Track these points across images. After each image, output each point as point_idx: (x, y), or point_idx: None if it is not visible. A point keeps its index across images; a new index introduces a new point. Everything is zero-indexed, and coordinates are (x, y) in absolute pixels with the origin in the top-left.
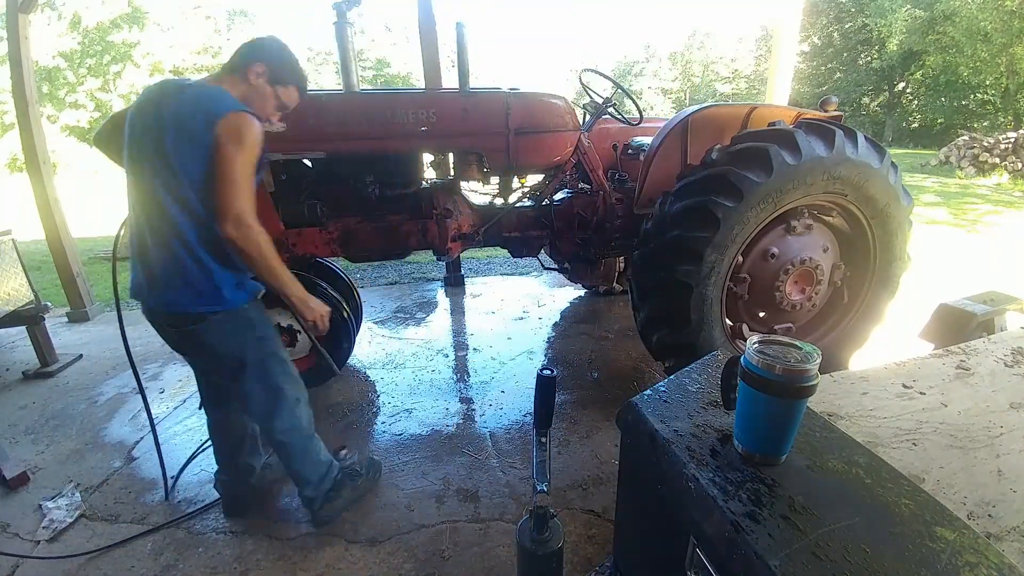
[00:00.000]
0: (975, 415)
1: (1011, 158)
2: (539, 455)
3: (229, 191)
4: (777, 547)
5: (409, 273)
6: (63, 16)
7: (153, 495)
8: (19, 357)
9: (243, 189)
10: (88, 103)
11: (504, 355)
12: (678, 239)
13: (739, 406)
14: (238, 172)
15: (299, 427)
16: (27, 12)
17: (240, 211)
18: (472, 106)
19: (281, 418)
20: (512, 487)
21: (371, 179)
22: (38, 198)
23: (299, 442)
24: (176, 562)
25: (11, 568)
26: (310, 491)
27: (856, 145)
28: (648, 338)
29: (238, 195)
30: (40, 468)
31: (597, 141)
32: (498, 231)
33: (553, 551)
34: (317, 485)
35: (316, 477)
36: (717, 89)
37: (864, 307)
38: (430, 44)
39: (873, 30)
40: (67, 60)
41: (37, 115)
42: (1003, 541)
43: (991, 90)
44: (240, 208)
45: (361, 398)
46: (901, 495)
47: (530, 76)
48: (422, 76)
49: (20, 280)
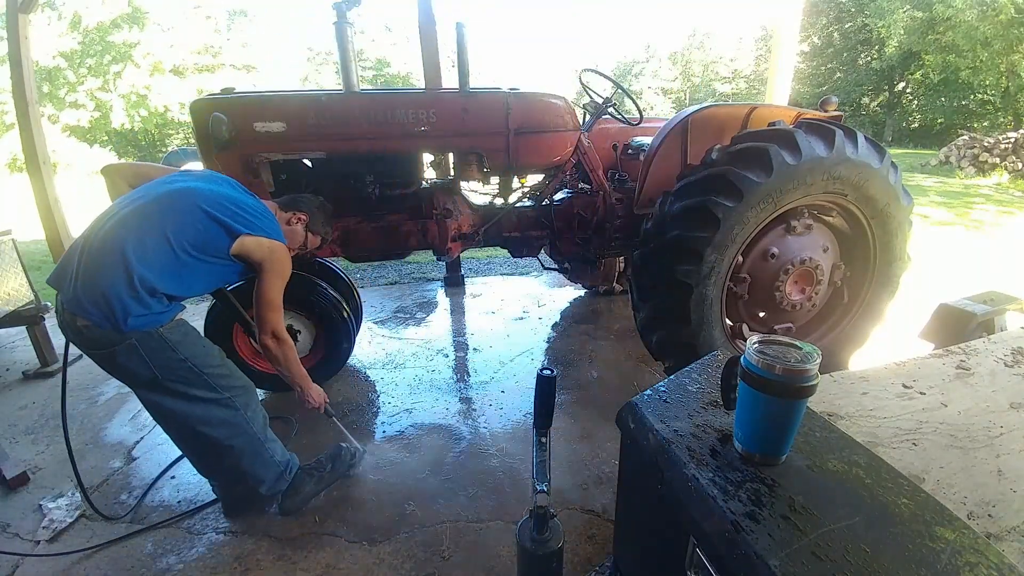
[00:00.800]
0: (975, 415)
1: (1011, 158)
2: (539, 455)
3: (267, 310)
4: (777, 547)
5: (409, 273)
6: (63, 16)
7: (153, 495)
8: (19, 357)
9: (278, 308)
10: (88, 103)
11: (504, 355)
12: (678, 239)
13: (739, 406)
14: (275, 293)
15: (246, 432)
16: (27, 12)
17: (275, 327)
18: (472, 106)
19: (223, 426)
20: (512, 487)
21: (371, 179)
22: (38, 198)
23: (249, 445)
24: (176, 562)
25: (11, 568)
26: (265, 489)
27: (856, 145)
28: (648, 338)
29: (275, 314)
30: (40, 468)
31: (597, 141)
32: (498, 231)
33: (553, 551)
34: (272, 484)
35: (271, 476)
36: (717, 89)
37: (864, 307)
38: (430, 44)
39: (873, 30)
40: (67, 60)
41: (37, 115)
42: (1003, 541)
43: (991, 90)
44: (275, 324)
45: (361, 398)
46: (901, 495)
47: (530, 76)
48: (422, 76)
49: (20, 280)
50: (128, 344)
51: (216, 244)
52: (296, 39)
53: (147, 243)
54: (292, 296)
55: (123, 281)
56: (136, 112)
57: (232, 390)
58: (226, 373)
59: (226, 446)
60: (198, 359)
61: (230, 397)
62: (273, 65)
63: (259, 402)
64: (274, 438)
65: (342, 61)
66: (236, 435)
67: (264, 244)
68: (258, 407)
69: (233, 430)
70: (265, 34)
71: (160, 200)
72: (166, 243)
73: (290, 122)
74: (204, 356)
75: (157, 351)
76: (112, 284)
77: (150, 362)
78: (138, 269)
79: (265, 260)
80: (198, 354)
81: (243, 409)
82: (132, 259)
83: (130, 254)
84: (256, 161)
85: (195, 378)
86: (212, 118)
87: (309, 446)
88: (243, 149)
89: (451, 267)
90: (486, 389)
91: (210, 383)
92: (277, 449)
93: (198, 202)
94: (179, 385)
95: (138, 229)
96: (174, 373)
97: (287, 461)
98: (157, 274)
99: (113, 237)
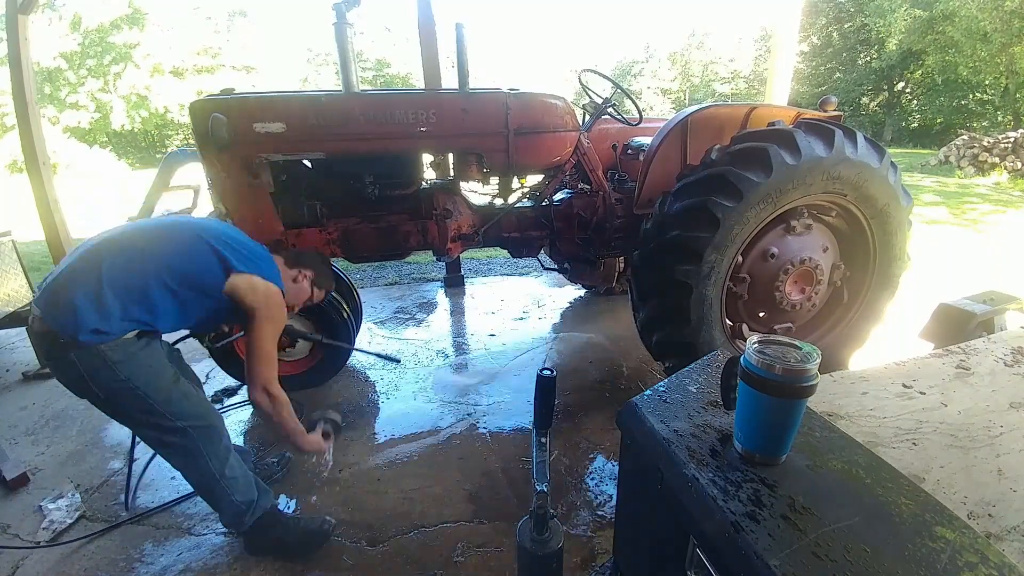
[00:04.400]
0: (975, 415)
1: (1011, 157)
2: (539, 455)
3: (259, 362)
4: (777, 547)
5: (409, 273)
6: (63, 17)
7: (154, 496)
8: (19, 358)
9: (272, 361)
10: (89, 103)
11: (504, 355)
12: (678, 239)
13: (739, 406)
14: (268, 342)
15: (199, 468)
16: (27, 13)
17: (267, 382)
18: (472, 106)
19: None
20: (512, 487)
21: (371, 179)
22: (38, 199)
23: (201, 480)
24: (176, 562)
25: (12, 568)
26: (224, 521)
27: (855, 145)
28: (648, 338)
29: (268, 368)
30: (40, 469)
31: (597, 141)
32: (498, 231)
33: (553, 551)
34: (230, 520)
35: (228, 513)
36: (716, 89)
37: (864, 307)
38: (430, 44)
39: (872, 30)
40: (68, 61)
41: (37, 116)
42: (1003, 541)
43: (990, 89)
44: (267, 379)
45: (361, 398)
46: (901, 495)
47: (530, 76)
48: (422, 77)
49: (20, 281)
50: (68, 360)
51: (208, 278)
52: (296, 40)
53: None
54: None
55: (90, 291)
56: (136, 113)
57: (187, 419)
58: (176, 399)
59: (182, 471)
60: (140, 381)
61: (185, 427)
62: (273, 66)
63: (223, 435)
64: (235, 475)
65: (342, 62)
66: (188, 467)
67: (259, 287)
68: (219, 441)
69: (186, 461)
70: (265, 35)
71: (161, 226)
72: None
73: (290, 123)
74: (150, 379)
75: (97, 369)
76: (79, 293)
77: (89, 379)
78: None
79: (259, 306)
80: (141, 376)
81: (200, 442)
82: (105, 276)
83: (105, 270)
84: (256, 162)
85: (138, 402)
86: (212, 119)
87: None
88: (243, 150)
89: (451, 267)
90: (486, 389)
91: (157, 409)
92: (238, 487)
93: (199, 232)
94: (122, 407)
95: (127, 249)
96: (115, 394)
97: (250, 502)
98: (128, 298)
99: (99, 250)
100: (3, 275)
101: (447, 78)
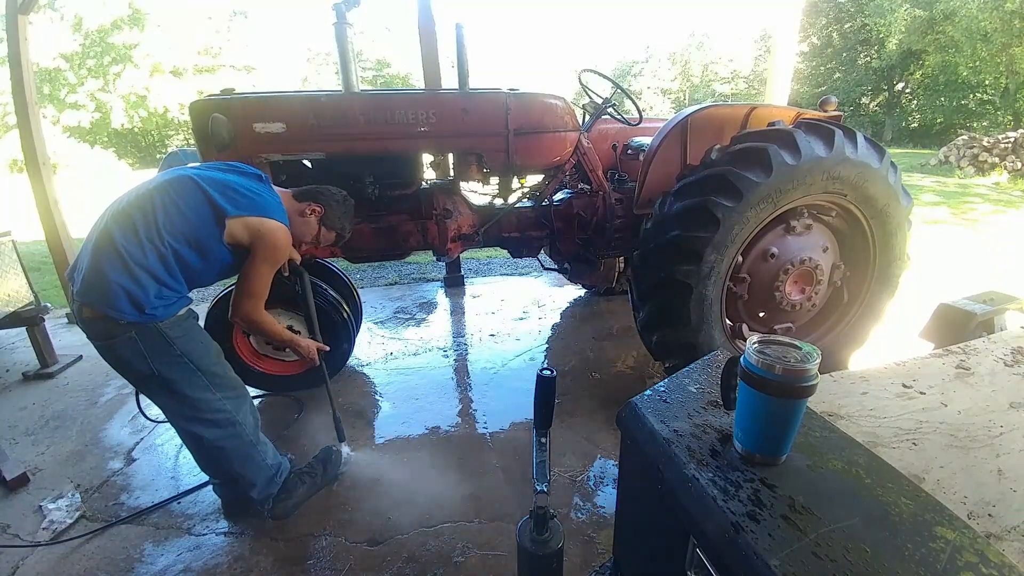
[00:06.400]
0: (975, 415)
1: (1011, 157)
2: (539, 455)
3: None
4: (777, 547)
5: (409, 273)
6: (64, 18)
7: (154, 496)
8: (19, 358)
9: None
10: (89, 103)
11: (504, 355)
12: (678, 239)
13: (739, 406)
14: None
15: (237, 434)
16: (27, 13)
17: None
18: (472, 106)
19: (215, 427)
20: (512, 487)
21: (371, 179)
22: (38, 199)
23: (239, 448)
24: (176, 562)
25: (12, 568)
26: (256, 493)
27: (855, 145)
28: (648, 338)
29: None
30: (40, 469)
31: (597, 141)
32: (498, 231)
33: (553, 551)
34: (263, 488)
35: (262, 480)
36: (716, 89)
37: (864, 307)
38: (430, 44)
39: (872, 30)
40: (68, 61)
41: (37, 116)
42: (1003, 541)
43: (990, 89)
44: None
45: (361, 398)
46: (901, 495)
47: (530, 76)
48: (422, 77)
49: (20, 281)
50: (128, 337)
51: (205, 231)
52: (296, 40)
53: (140, 234)
54: (292, 297)
55: (122, 271)
56: (136, 113)
57: (225, 390)
58: (221, 373)
59: (217, 447)
60: (194, 356)
61: (222, 398)
62: (273, 66)
63: (252, 404)
64: (265, 441)
65: (342, 62)
66: (227, 437)
67: (253, 226)
68: (250, 410)
69: (224, 431)
70: (265, 35)
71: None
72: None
73: (290, 123)
74: (201, 354)
75: (155, 346)
76: (114, 274)
77: (147, 356)
78: (133, 260)
79: (254, 242)
80: (195, 351)
81: (234, 411)
82: (123, 250)
83: (121, 244)
84: (256, 162)
85: (190, 375)
86: (212, 119)
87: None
88: (243, 150)
89: (451, 267)
90: (486, 389)
91: (204, 381)
92: (268, 452)
93: (196, 180)
94: (173, 382)
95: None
96: (170, 369)
97: (278, 464)
98: (152, 265)
99: (111, 227)
100: (3, 275)
101: (447, 78)
